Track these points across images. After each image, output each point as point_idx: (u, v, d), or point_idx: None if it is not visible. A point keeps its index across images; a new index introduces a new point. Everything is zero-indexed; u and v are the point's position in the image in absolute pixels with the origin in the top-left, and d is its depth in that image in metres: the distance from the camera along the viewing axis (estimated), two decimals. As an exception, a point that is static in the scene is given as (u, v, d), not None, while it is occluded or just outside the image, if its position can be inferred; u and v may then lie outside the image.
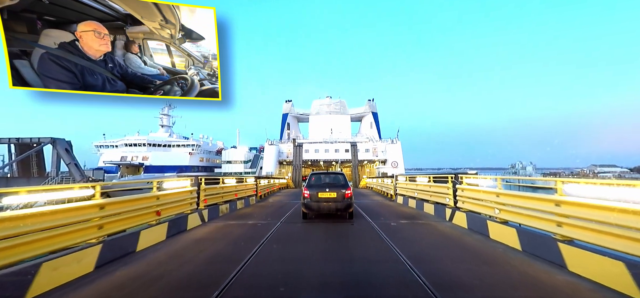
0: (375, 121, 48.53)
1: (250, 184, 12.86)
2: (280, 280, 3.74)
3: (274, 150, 39.24)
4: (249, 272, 4.04)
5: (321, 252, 5.12)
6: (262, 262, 4.51)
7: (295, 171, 35.42)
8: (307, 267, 4.27)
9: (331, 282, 3.67)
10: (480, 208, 6.47)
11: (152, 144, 45.40)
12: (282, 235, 6.38)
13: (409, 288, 3.45)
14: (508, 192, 5.71)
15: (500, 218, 5.74)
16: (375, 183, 21.60)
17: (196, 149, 48.62)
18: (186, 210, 7.23)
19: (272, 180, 20.46)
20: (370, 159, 39.91)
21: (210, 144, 57.36)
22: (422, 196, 10.07)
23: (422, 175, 10.42)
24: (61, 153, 32.83)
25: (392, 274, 3.90)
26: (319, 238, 6.19)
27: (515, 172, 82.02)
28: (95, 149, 46.32)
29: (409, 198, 11.42)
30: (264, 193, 16.57)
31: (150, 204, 5.84)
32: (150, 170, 43.56)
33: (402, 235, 6.25)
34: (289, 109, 50.91)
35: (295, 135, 47.53)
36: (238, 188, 11.23)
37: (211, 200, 8.70)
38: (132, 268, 4.18)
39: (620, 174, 74.94)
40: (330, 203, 7.70)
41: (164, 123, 49.99)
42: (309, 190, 7.84)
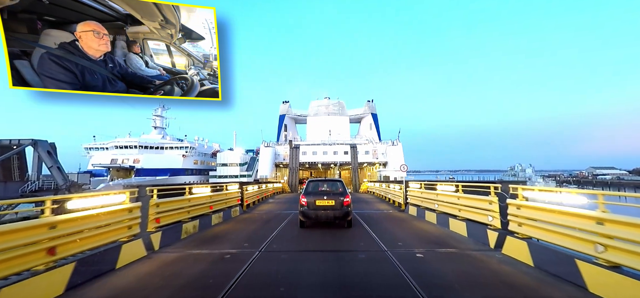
0: (375, 122, 46.20)
1: (232, 193, 10.50)
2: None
3: (270, 152, 36.77)
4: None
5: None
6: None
7: (292, 175, 32.98)
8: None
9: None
10: (559, 238, 4.15)
11: (143, 146, 42.87)
12: (256, 280, 4.05)
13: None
14: (622, 218, 3.40)
15: (606, 261, 3.44)
16: (378, 187, 19.26)
17: (190, 152, 46.13)
18: (121, 236, 4.87)
19: (263, 185, 18.07)
20: (370, 162, 37.56)
21: (206, 147, 54.87)
22: (446, 209, 7.76)
23: (446, 183, 8.10)
24: (43, 156, 30.34)
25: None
26: (315, 284, 3.86)
27: (515, 175, 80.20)
28: (85, 151, 43.68)
29: (426, 209, 9.10)
30: (253, 200, 14.21)
31: (36, 238, 3.50)
32: (141, 173, 41.02)
33: (444, 281, 3.92)
34: (286, 110, 48.49)
35: (293, 137, 45.15)
36: (215, 198, 8.87)
37: (169, 217, 6.34)
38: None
39: (619, 177, 73.24)
40: (328, 211, 7.26)
41: (157, 125, 47.50)
42: (306, 197, 7.39)
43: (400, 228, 7.90)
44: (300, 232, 7.40)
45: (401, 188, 12.19)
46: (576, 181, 72.85)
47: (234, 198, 10.64)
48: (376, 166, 38.34)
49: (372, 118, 46.30)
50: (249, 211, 12.04)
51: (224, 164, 47.12)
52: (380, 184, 18.64)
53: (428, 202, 9.05)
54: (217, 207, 8.98)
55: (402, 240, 6.36)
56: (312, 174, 57.50)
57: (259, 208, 13.46)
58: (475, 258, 4.97)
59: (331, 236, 6.77)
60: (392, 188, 14.53)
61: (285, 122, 47.76)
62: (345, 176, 52.42)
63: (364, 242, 6.16)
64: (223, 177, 45.08)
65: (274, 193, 21.90)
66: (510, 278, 3.99)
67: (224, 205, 9.61)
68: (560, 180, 75.78)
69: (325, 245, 6.02)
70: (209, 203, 8.39)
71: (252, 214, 11.07)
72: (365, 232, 7.24)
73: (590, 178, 75.72)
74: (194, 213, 7.47)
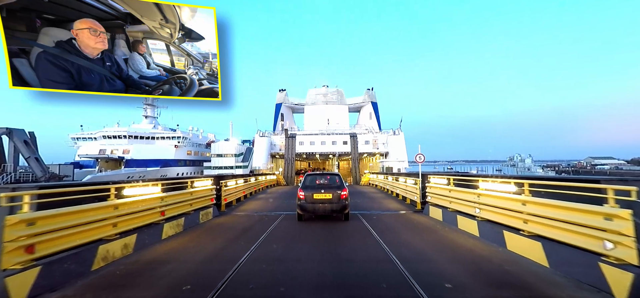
0: (375, 111, 43.43)
1: (201, 191, 7.90)
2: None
3: (266, 142, 34.10)
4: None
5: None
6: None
7: (287, 166, 30.35)
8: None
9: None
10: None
11: (133, 136, 40.08)
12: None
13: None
14: None
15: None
16: (382, 180, 16.73)
17: (183, 142, 43.36)
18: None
19: (253, 178, 15.50)
20: (370, 152, 35.01)
21: (201, 137, 52.07)
22: (494, 217, 5.26)
23: (497, 179, 5.53)
24: (19, 146, 27.59)
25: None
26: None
27: (514, 165, 78.34)
28: (72, 141, 40.83)
29: (457, 214, 6.59)
30: (238, 197, 11.68)
31: None
32: (131, 164, 38.38)
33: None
34: (283, 98, 45.54)
35: (290, 127, 42.36)
36: (169, 200, 6.29)
37: (61, 240, 3.75)
38: None
39: (617, 166, 71.52)
40: (325, 204, 7.11)
41: (148, 114, 44.54)
42: (304, 191, 7.27)
43: (426, 242, 5.40)
44: (287, 248, 4.95)
45: (416, 182, 9.65)
46: (575, 171, 71.35)
47: (205, 197, 8.06)
48: (376, 157, 35.88)
49: (372, 107, 43.56)
50: (228, 212, 9.49)
51: (219, 155, 44.44)
52: (385, 177, 16.09)
53: (461, 204, 6.53)
54: (174, 212, 6.41)
55: (440, 266, 3.85)
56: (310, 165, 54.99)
57: (243, 206, 10.92)
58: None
59: (332, 261, 4.27)
60: (401, 183, 11.98)
61: (281, 111, 44.95)
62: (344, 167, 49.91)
63: (383, 274, 3.66)
64: (218, 168, 42.53)
65: (266, 186, 19.36)
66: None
67: (188, 208, 7.05)
68: (560, 170, 74.00)
69: (323, 278, 3.53)
70: (158, 208, 5.83)
71: (230, 217, 8.52)
72: (381, 250, 4.75)
73: (589, 168, 74.01)
74: (127, 225, 4.90)
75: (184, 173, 44.59)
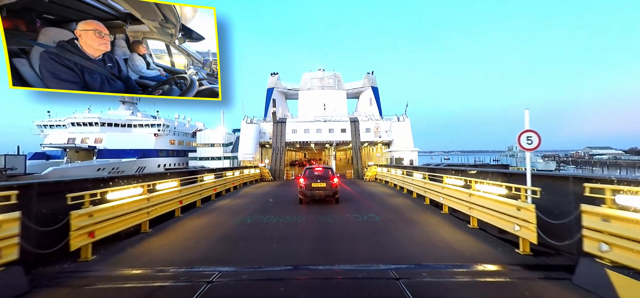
0: (376, 97, 38.89)
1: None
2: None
3: (254, 130, 29.38)
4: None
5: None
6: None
7: (276, 156, 25.72)
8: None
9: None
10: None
11: (107, 123, 35.09)
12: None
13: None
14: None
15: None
16: (400, 177, 12.33)
17: (164, 130, 38.48)
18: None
19: (208, 177, 10.77)
20: (372, 141, 30.61)
21: (187, 125, 47.18)
22: None
23: None
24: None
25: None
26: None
27: (513, 155, 75.07)
28: (38, 129, 35.61)
29: None
30: (176, 207, 7.29)
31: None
32: (104, 155, 33.52)
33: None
34: (275, 83, 40.58)
35: (283, 114, 37.69)
36: None
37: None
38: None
39: (616, 156, 68.64)
40: (320, 191, 8.82)
41: (126, 99, 39.32)
42: (305, 180, 8.90)
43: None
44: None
45: (520, 193, 5.14)
46: (574, 162, 68.50)
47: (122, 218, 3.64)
48: (378, 146, 31.60)
49: (373, 92, 38.98)
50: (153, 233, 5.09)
51: (208, 144, 39.70)
52: (403, 171, 11.71)
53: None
54: None
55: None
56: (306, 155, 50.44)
57: (189, 224, 6.52)
58: None
59: None
60: (455, 187, 6.91)
61: (273, 96, 40.00)
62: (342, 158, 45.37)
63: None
64: (204, 159, 37.91)
65: (243, 183, 14.89)
66: None
67: None
68: (559, 161, 70.99)
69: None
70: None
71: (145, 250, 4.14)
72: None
73: (587, 158, 71.20)
74: None
75: (166, 165, 40.05)
